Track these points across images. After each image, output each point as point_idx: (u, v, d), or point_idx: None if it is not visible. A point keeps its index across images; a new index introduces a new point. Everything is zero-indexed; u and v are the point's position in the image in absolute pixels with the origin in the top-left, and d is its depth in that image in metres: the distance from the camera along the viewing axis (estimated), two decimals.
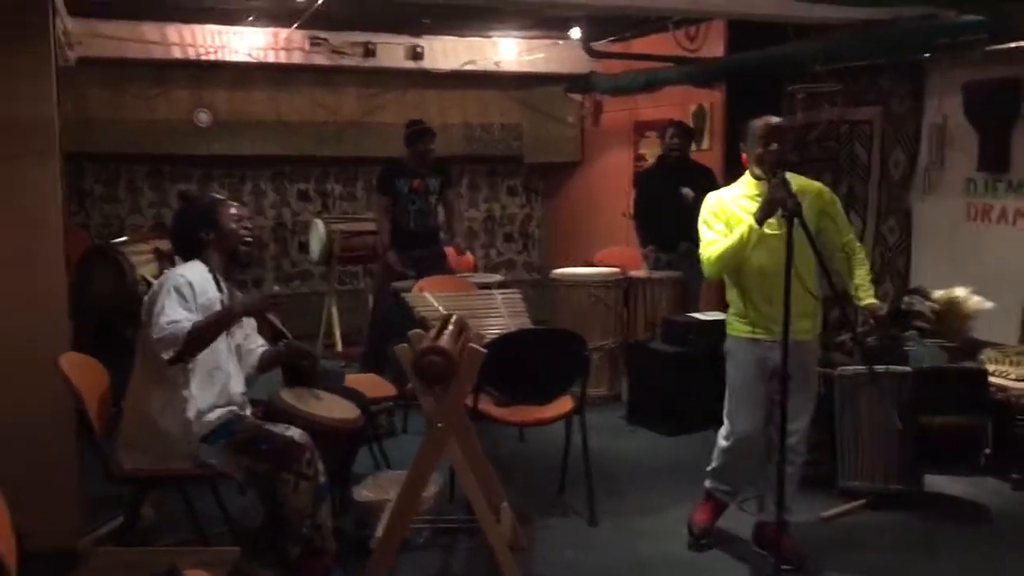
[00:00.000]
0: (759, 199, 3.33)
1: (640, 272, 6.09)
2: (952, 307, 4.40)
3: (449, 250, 6.20)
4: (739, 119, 5.29)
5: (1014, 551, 3.68)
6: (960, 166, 5.20)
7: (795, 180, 3.37)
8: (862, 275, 3.53)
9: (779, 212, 3.16)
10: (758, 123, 3.44)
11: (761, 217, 3.25)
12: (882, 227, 5.73)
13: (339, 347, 7.05)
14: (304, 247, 7.87)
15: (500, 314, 4.29)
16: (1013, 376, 4.34)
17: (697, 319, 5.40)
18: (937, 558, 3.62)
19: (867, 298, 3.50)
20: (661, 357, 5.34)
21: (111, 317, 4.91)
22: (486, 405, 3.94)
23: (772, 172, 3.28)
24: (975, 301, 4.43)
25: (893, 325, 4.19)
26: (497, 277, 6.41)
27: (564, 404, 4.04)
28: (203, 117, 7.32)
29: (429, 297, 4.36)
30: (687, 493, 3.95)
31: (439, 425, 3.25)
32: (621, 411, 5.61)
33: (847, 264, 3.51)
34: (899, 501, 4.09)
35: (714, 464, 3.69)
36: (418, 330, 3.35)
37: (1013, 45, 4.54)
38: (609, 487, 4.31)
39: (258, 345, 3.49)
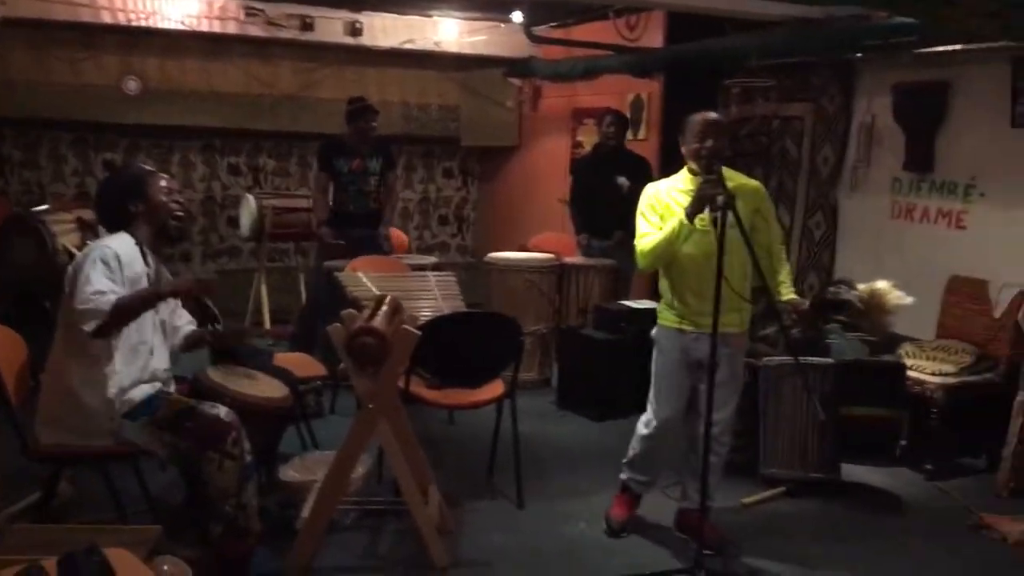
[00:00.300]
0: (693, 194, 3.36)
1: (574, 259, 6.12)
2: (874, 300, 4.49)
3: (395, 232, 6.15)
4: (676, 110, 5.34)
5: (926, 540, 3.81)
6: (886, 165, 5.34)
7: (733, 177, 3.42)
8: (784, 273, 3.61)
9: (709, 208, 3.19)
10: (696, 118, 3.47)
11: (691, 212, 3.29)
12: (809, 222, 5.86)
13: (267, 325, 6.94)
14: (233, 222, 7.71)
15: (434, 296, 4.27)
16: (929, 371, 4.49)
17: (629, 307, 5.45)
18: (852, 545, 3.73)
19: (788, 294, 3.58)
20: (592, 343, 5.39)
21: (31, 288, 4.76)
22: (417, 387, 3.93)
23: (707, 168, 3.32)
24: (896, 296, 4.51)
25: (817, 316, 4.28)
26: (431, 259, 6.37)
27: (496, 388, 4.05)
28: (132, 85, 7.09)
29: (362, 277, 4.32)
30: (614, 478, 3.98)
31: (370, 406, 3.23)
32: (551, 396, 5.64)
33: (770, 263, 3.57)
34: (818, 489, 4.21)
35: (632, 453, 3.76)
36: (351, 310, 3.32)
37: (942, 49, 4.68)
38: (538, 471, 4.34)
39: (185, 322, 3.41)
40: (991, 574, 3.48)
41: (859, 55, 5.23)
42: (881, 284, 4.03)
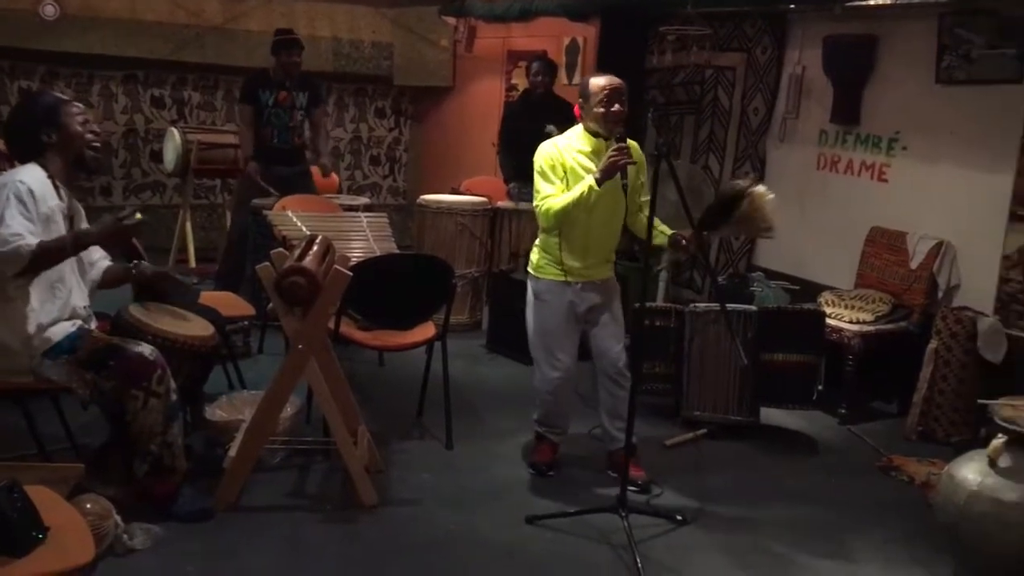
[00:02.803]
0: (594, 156, 3.46)
1: (506, 203, 6.11)
2: (754, 201, 4.19)
3: (313, 169, 6.03)
4: (612, 55, 5.29)
5: (838, 480, 3.97)
6: (814, 117, 5.42)
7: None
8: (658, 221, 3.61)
9: (621, 175, 3.31)
10: (600, 81, 3.47)
11: (602, 179, 3.35)
12: (738, 171, 5.93)
13: (192, 263, 6.81)
14: (157, 156, 7.49)
15: (365, 237, 4.22)
16: (847, 319, 4.64)
17: None
18: (768, 484, 3.87)
19: (669, 231, 3.60)
20: (523, 287, 5.37)
21: None
22: (348, 328, 3.91)
23: (620, 136, 3.38)
24: (769, 197, 4.18)
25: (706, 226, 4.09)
26: (363, 200, 6.29)
27: (426, 330, 4.07)
28: (49, 10, 6.76)
29: (292, 216, 4.24)
30: None
31: (300, 347, 3.21)
32: (481, 339, 5.68)
33: (642, 220, 3.64)
34: (737, 431, 4.34)
35: (539, 411, 3.82)
36: (281, 250, 3.28)
37: (872, 2, 4.74)
38: (467, 412, 4.38)
39: (100, 256, 3.30)
40: (898, 512, 3.65)
41: (792, 6, 5.28)
42: (760, 188, 3.91)
